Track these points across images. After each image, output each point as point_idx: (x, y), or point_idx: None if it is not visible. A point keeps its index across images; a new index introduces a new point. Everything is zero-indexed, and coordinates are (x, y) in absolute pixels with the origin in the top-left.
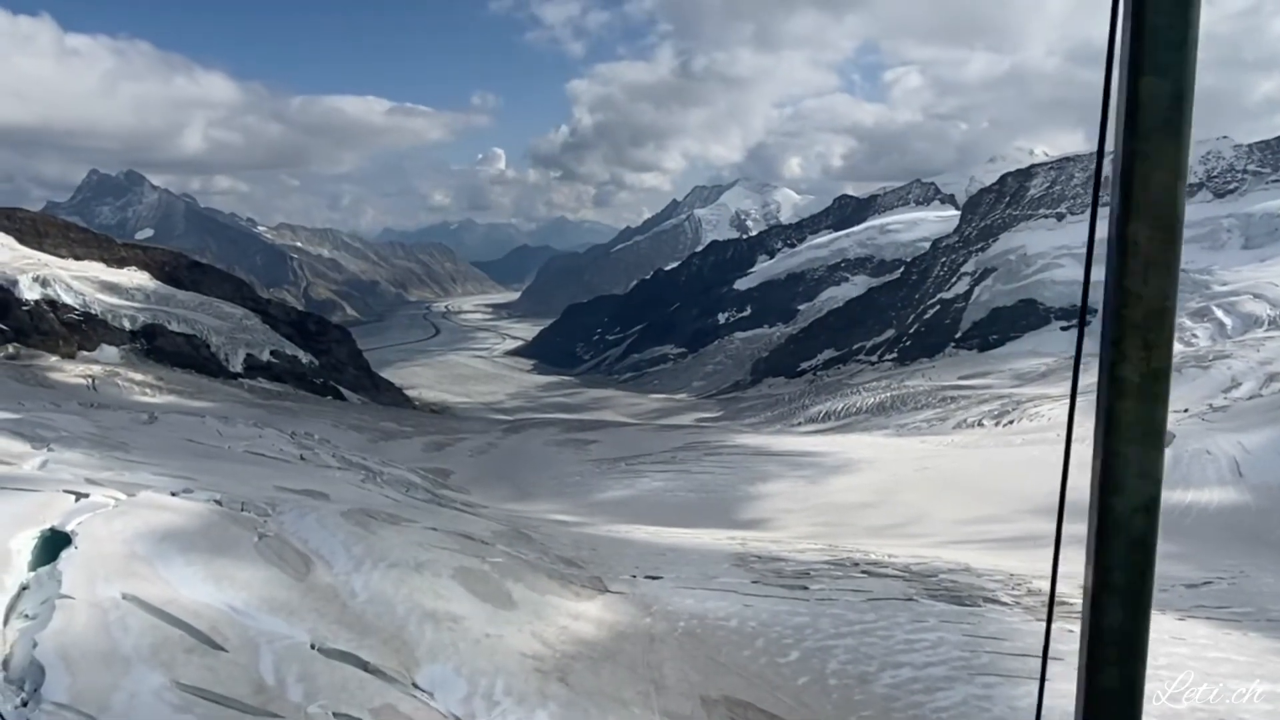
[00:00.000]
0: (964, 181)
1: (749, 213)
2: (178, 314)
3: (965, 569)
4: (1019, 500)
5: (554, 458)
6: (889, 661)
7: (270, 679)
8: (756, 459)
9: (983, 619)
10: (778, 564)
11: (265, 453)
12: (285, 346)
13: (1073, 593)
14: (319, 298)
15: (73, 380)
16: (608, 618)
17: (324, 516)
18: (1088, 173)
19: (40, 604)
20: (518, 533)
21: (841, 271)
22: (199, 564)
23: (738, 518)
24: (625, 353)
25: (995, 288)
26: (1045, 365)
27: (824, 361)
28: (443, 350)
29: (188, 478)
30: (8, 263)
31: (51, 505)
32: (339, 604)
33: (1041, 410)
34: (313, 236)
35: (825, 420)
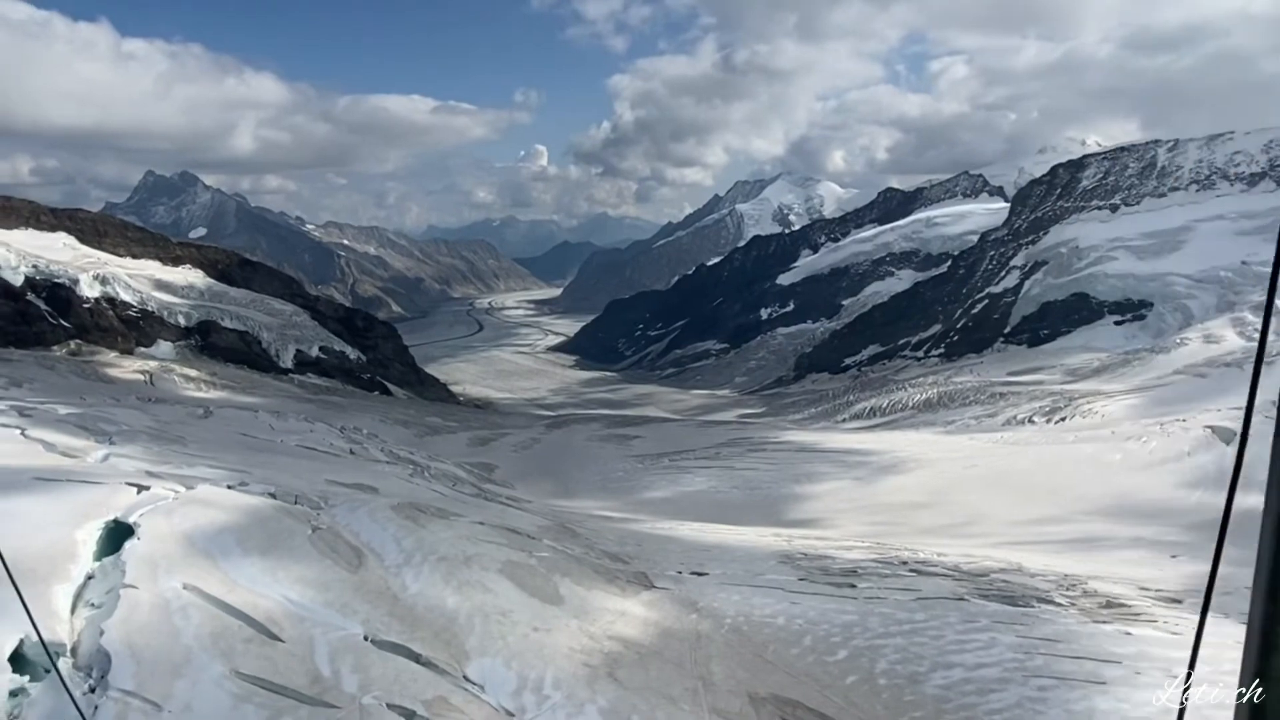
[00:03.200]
0: (1013, 173)
1: (792, 207)
2: (230, 310)
3: (1018, 569)
4: (1076, 500)
5: (597, 453)
6: (940, 662)
7: (326, 670)
8: (802, 456)
9: (1036, 620)
10: (824, 562)
11: (316, 447)
12: (333, 342)
13: (1130, 595)
14: (365, 294)
15: (130, 375)
16: (654, 614)
17: (375, 510)
18: (1143, 163)
19: (105, 593)
20: (563, 528)
21: (886, 266)
22: (255, 556)
23: (786, 517)
24: (667, 348)
25: (1046, 281)
26: (1098, 361)
27: (869, 357)
28: (486, 346)
29: (243, 471)
30: (69, 262)
31: (114, 497)
32: (391, 597)
33: (1095, 407)
34: (359, 234)
35: (870, 417)
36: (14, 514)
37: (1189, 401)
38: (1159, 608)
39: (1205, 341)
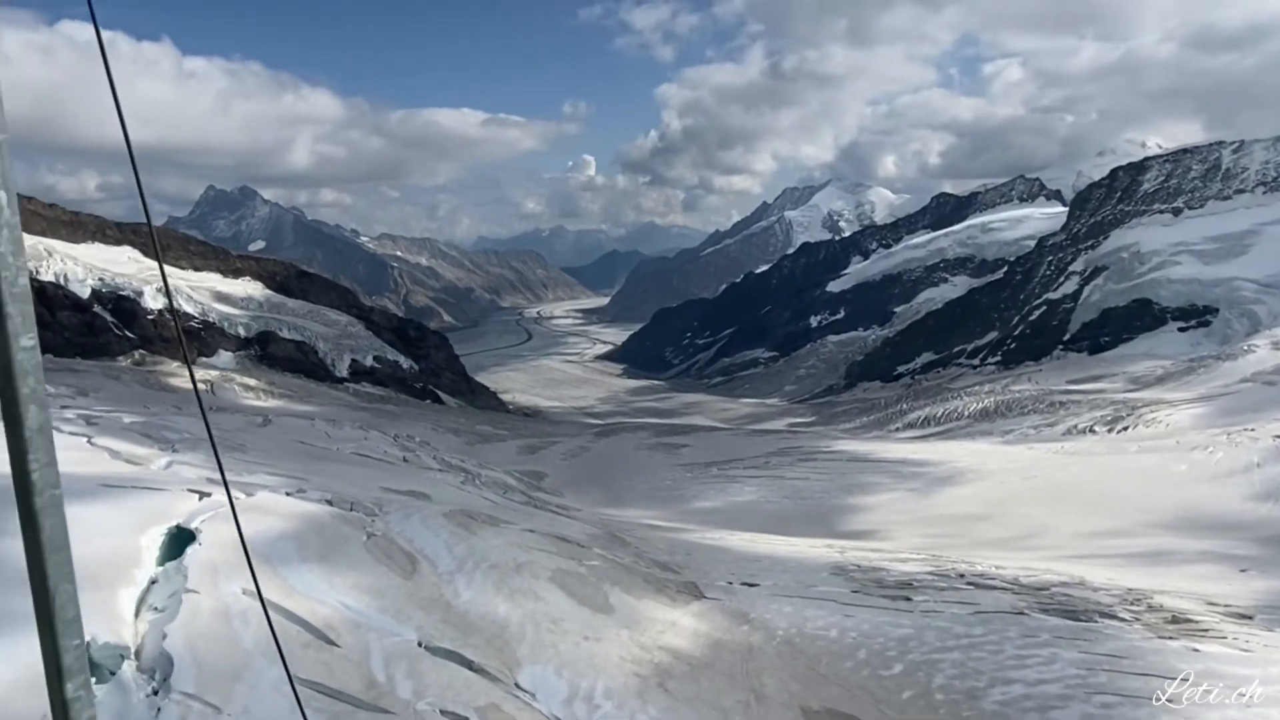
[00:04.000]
0: (1071, 176)
1: (842, 213)
2: (288, 321)
3: (1080, 583)
4: (1140, 512)
5: (645, 462)
6: (999, 677)
7: (381, 675)
8: (855, 466)
9: (1099, 635)
10: (878, 574)
11: (371, 454)
12: (387, 352)
13: (1198, 610)
14: (418, 305)
15: (190, 385)
16: (704, 624)
17: (428, 517)
18: (1206, 165)
19: (168, 597)
20: (612, 536)
21: (940, 272)
22: (313, 562)
23: (839, 528)
24: (715, 357)
25: (1106, 287)
26: (1162, 368)
27: (922, 365)
28: (535, 355)
29: (300, 478)
30: (134, 275)
31: (177, 504)
32: (443, 603)
33: (1159, 416)
34: (411, 246)
35: (924, 426)
36: (81, 520)
37: (1257, 410)
38: (1228, 624)
39: (1274, 348)
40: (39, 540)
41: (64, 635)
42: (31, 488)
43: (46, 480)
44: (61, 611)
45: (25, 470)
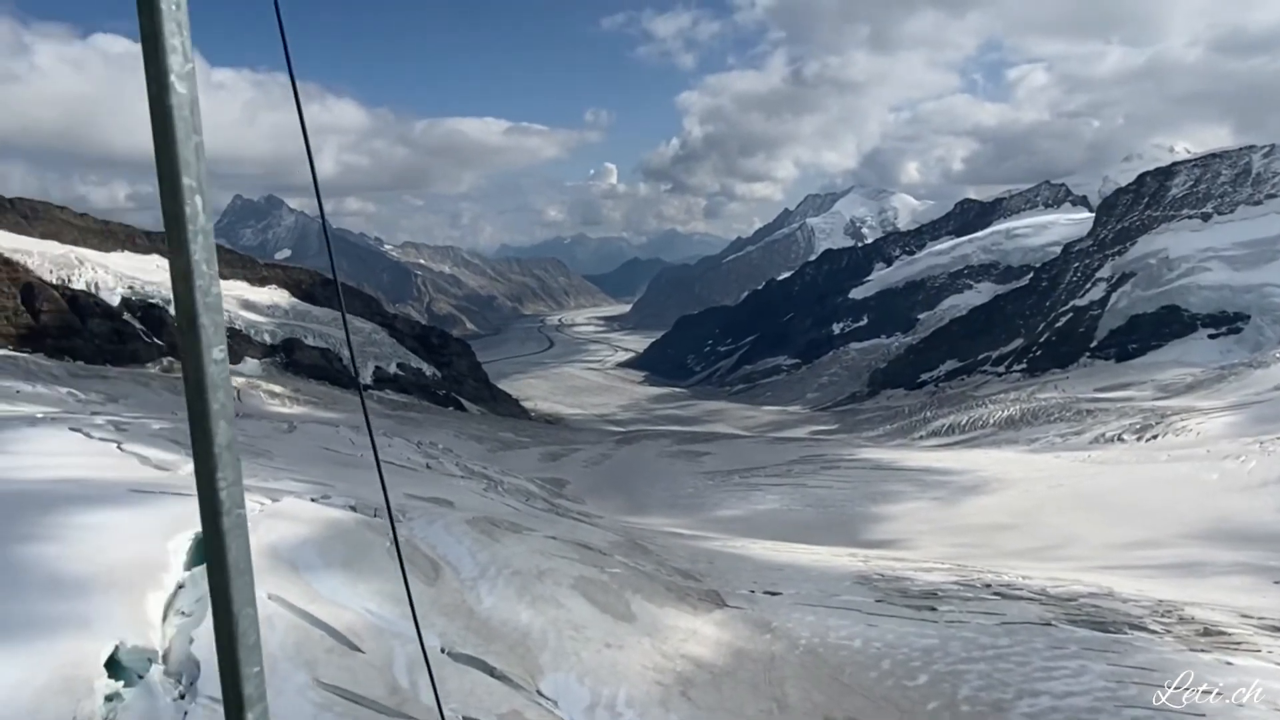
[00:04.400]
0: (1097, 182)
1: (864, 220)
2: (313, 329)
3: (1108, 594)
4: (1172, 523)
5: (667, 469)
6: (1026, 689)
7: (404, 681)
8: (879, 475)
9: (1129, 647)
10: (902, 583)
11: (394, 461)
12: (410, 359)
13: (1230, 623)
14: (440, 312)
15: None
16: (726, 633)
17: (450, 524)
18: (1236, 169)
19: (195, 602)
20: (634, 544)
21: (964, 279)
22: (337, 567)
23: (863, 537)
24: (737, 364)
25: (1134, 294)
26: (1191, 376)
27: (946, 373)
28: (557, 362)
29: (325, 484)
30: (163, 283)
31: None
32: (466, 610)
33: (1189, 424)
34: (435, 254)
35: (949, 434)
36: (111, 525)
37: None
38: (1262, 636)
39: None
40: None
41: (245, 662)
42: (220, 507)
43: (233, 499)
44: (244, 637)
45: (213, 488)
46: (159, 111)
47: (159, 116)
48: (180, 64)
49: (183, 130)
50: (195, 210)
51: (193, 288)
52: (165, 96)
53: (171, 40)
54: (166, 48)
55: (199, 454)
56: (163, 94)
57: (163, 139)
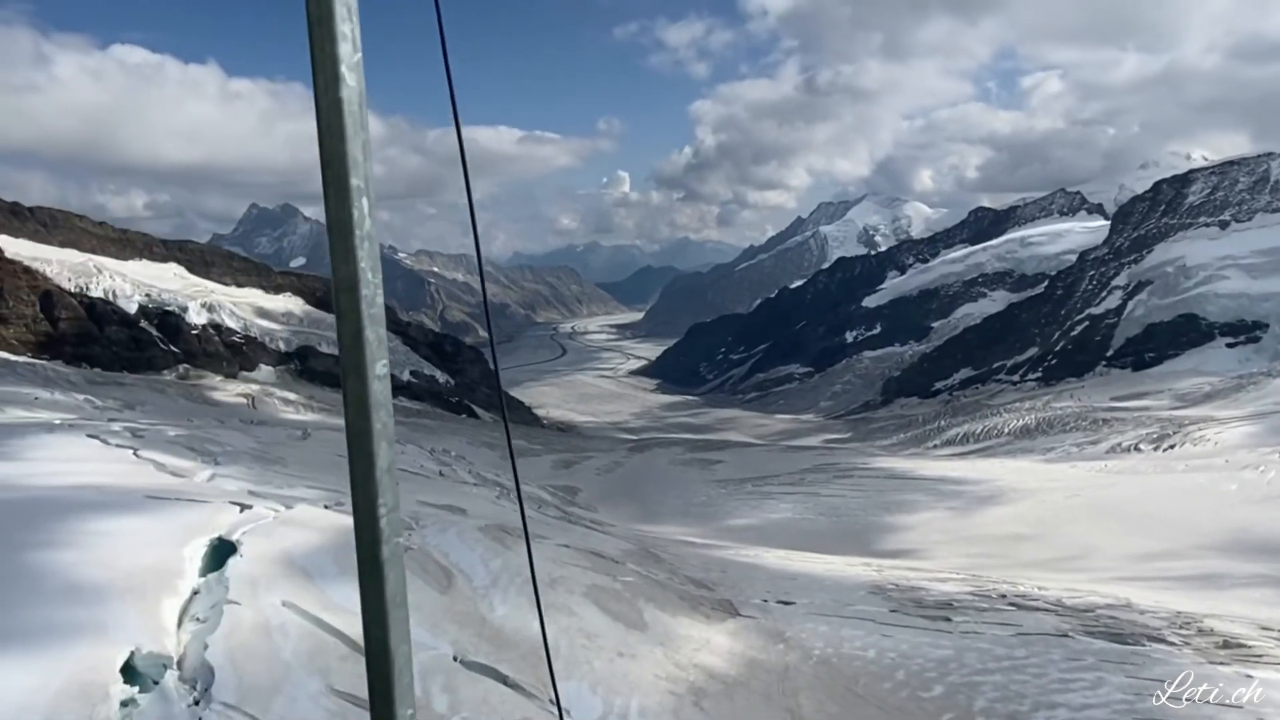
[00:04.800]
0: (1113, 190)
1: (878, 228)
2: (327, 336)
3: (1125, 605)
4: (1190, 533)
5: (679, 478)
6: (1042, 701)
7: (417, 689)
8: (893, 484)
9: (1147, 659)
10: (917, 594)
11: (407, 468)
12: (424, 367)
13: (1250, 635)
14: (454, 320)
15: (233, 399)
16: (739, 643)
17: (463, 531)
18: (1254, 177)
19: (209, 608)
20: (646, 552)
21: (979, 287)
22: (350, 574)
23: (877, 547)
24: (749, 372)
25: (1151, 302)
26: (1209, 385)
27: (960, 381)
28: (569, 370)
29: (339, 492)
30: (179, 290)
31: (218, 516)
32: (479, 617)
33: (1206, 434)
34: (448, 262)
35: (964, 443)
36: (127, 531)
37: None
38: None
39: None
40: (381, 595)
41: (400, 702)
42: (379, 535)
43: (393, 527)
44: (399, 677)
45: (374, 515)
46: (327, 105)
47: (327, 111)
48: (350, 53)
49: (352, 126)
50: (362, 214)
51: (359, 299)
52: (334, 89)
53: (342, 26)
54: (337, 34)
55: (359, 477)
56: (331, 86)
57: (330, 136)
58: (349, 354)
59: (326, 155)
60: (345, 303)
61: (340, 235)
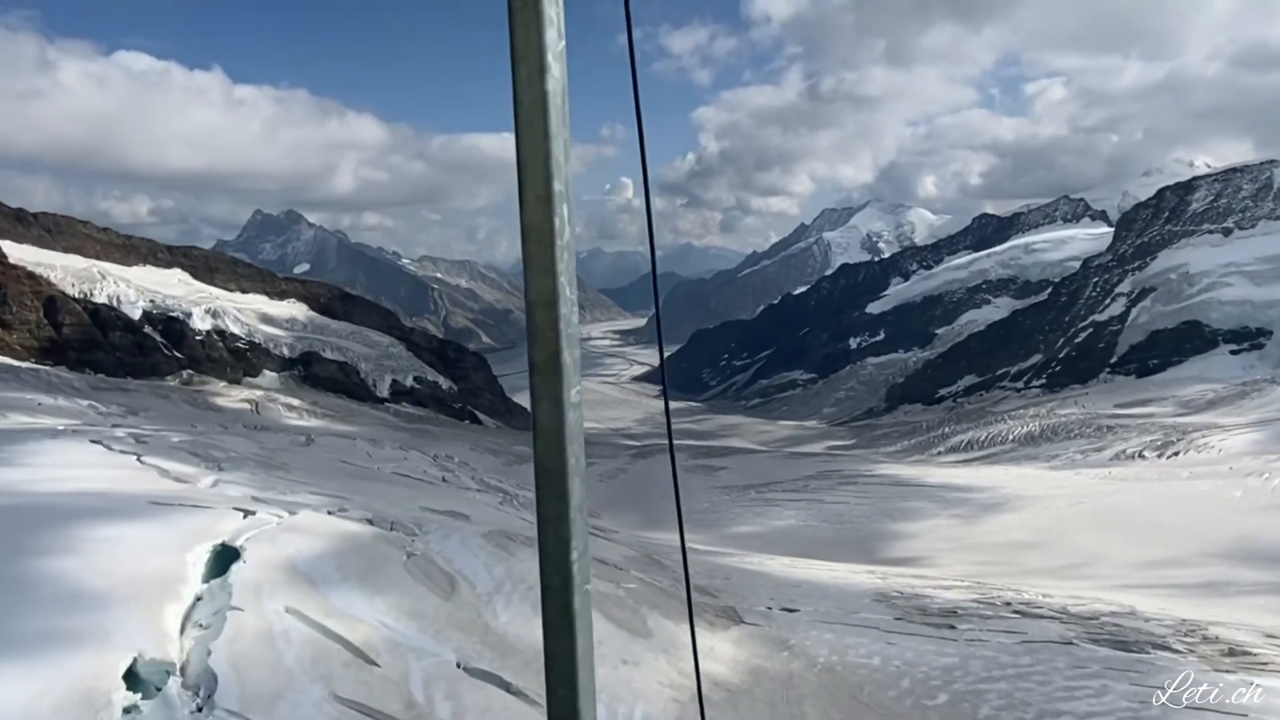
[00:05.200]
0: (1116, 197)
1: (881, 234)
2: (331, 342)
3: (1130, 612)
4: (1195, 541)
5: (682, 484)
6: (1047, 709)
7: (420, 696)
8: (897, 491)
9: (1152, 667)
10: (921, 601)
11: (410, 474)
12: (427, 373)
13: (1256, 643)
14: (457, 326)
15: (237, 405)
16: (743, 650)
17: (467, 537)
18: (1257, 184)
19: (212, 614)
20: (649, 559)
21: (983, 293)
22: (353, 580)
23: (881, 555)
24: (753, 378)
25: (1155, 309)
26: (1213, 392)
27: (965, 388)
28: None
29: (342, 497)
30: (183, 296)
31: (221, 522)
32: (482, 624)
33: (1210, 441)
34: (452, 268)
35: (968, 450)
36: (130, 538)
37: None
38: None
39: None
40: (573, 649)
41: None
42: (572, 582)
43: (584, 573)
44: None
45: (566, 560)
46: (530, 99)
47: (530, 106)
48: (555, 40)
49: (556, 122)
50: (564, 222)
51: (557, 317)
52: (539, 81)
53: (548, 10)
54: (544, 19)
55: (549, 515)
56: (535, 78)
57: (531, 134)
58: (544, 379)
59: (526, 155)
60: (542, 320)
61: (539, 245)
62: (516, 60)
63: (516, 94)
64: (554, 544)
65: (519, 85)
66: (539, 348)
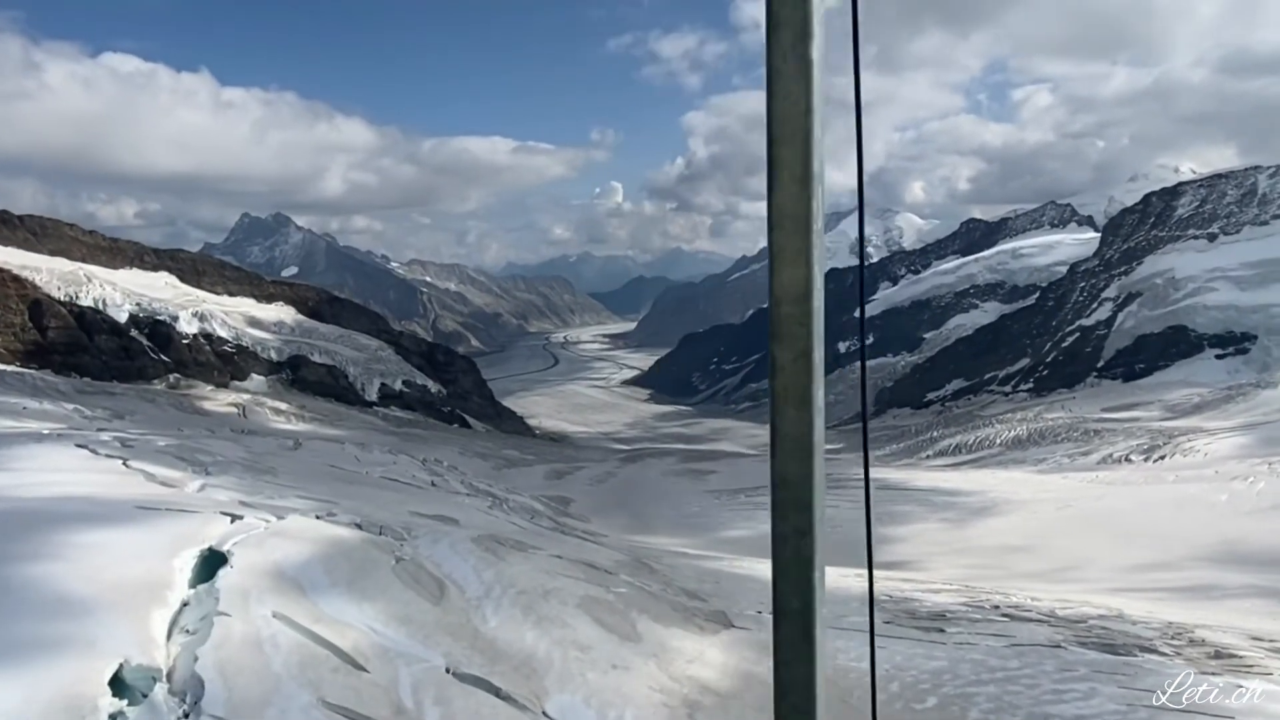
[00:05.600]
0: (1103, 202)
1: (869, 239)
2: (319, 346)
3: (1118, 615)
4: (1181, 545)
5: (672, 488)
6: (1036, 712)
7: (409, 701)
8: (886, 495)
9: (1139, 670)
10: (911, 605)
11: (399, 478)
12: (416, 376)
13: (1242, 646)
14: (446, 330)
15: (224, 408)
16: (733, 654)
17: (456, 542)
18: (1242, 190)
19: (199, 620)
20: (640, 563)
21: (970, 298)
22: (342, 585)
23: (873, 560)
24: (742, 382)
25: (1141, 313)
26: (1199, 396)
27: (953, 392)
28: (561, 380)
29: (330, 502)
30: (170, 300)
31: (208, 527)
32: (471, 629)
33: (1196, 445)
34: (441, 271)
35: (956, 454)
36: (116, 543)
37: None
38: (1274, 659)
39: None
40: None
41: None
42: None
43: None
44: None
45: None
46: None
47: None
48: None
49: (817, 96)
50: (819, 206)
51: (810, 311)
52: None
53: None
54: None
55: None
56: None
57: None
58: (790, 380)
59: (781, 132)
60: (790, 315)
61: (793, 232)
62: (775, 24)
63: (772, 63)
64: (794, 563)
65: (775, 53)
66: (785, 345)
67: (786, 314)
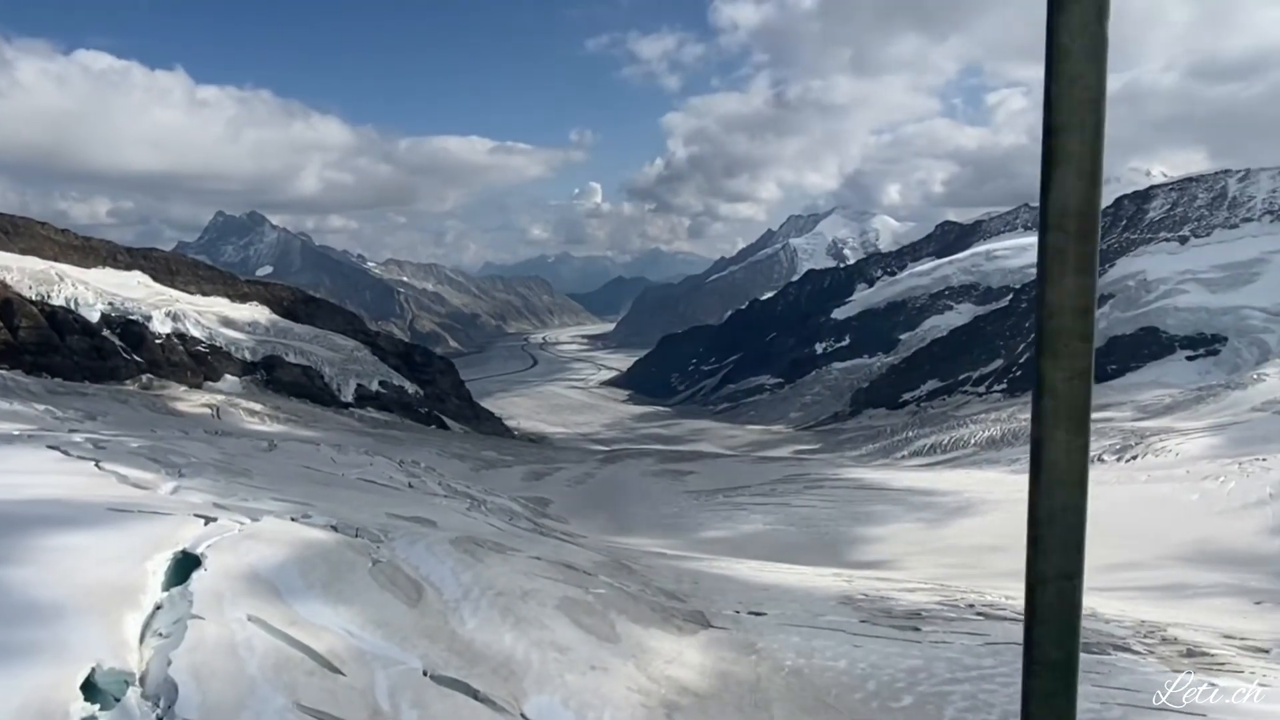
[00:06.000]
0: None
1: (846, 241)
2: (294, 346)
3: (1090, 614)
4: (1153, 544)
5: (651, 488)
6: (1011, 710)
7: (385, 704)
8: (863, 495)
9: (1113, 668)
10: (887, 604)
11: (376, 480)
12: (393, 377)
13: (1213, 644)
14: (423, 330)
15: (197, 409)
16: (711, 653)
17: (433, 544)
18: (1212, 193)
19: (173, 623)
20: (619, 564)
21: (945, 299)
22: (318, 588)
23: (849, 558)
24: (720, 383)
25: (1113, 315)
26: (1170, 397)
27: (928, 392)
28: (540, 381)
29: (305, 504)
30: (143, 299)
31: (182, 529)
32: (449, 631)
33: (1168, 445)
34: (418, 271)
35: (931, 454)
36: (88, 546)
37: (1269, 440)
38: (1245, 657)
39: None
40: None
41: None
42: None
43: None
44: None
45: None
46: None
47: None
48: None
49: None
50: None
51: (1090, 325)
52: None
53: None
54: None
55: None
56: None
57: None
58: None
59: (1064, 120)
60: (1070, 329)
61: (1077, 235)
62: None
63: (1057, 42)
64: (1058, 609)
65: (1063, 31)
66: (1062, 363)
67: (1064, 327)
